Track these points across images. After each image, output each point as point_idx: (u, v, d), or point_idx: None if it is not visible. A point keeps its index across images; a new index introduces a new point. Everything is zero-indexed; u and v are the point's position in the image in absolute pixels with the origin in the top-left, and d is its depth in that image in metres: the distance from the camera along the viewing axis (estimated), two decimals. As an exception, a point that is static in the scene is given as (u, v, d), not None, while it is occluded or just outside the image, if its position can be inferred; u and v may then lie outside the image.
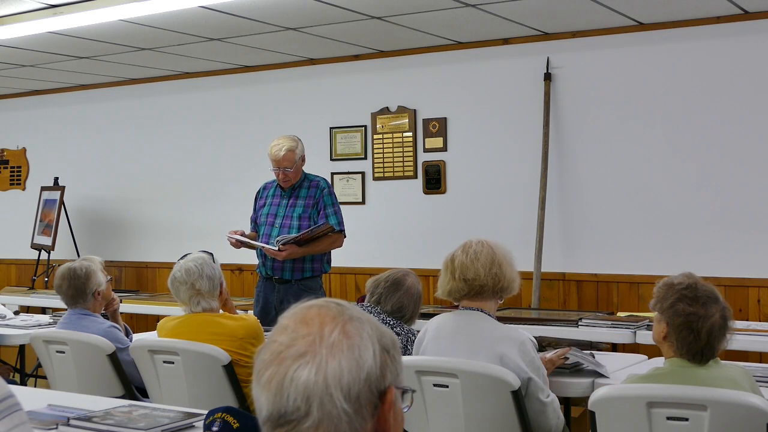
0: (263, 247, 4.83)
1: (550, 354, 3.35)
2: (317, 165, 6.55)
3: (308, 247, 4.82)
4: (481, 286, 3.08)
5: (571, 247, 5.68)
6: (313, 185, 4.99)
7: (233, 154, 6.93)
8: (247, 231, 5.09)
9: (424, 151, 6.19)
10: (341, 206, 5.06)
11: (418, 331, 3.38)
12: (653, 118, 5.43)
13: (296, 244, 4.77)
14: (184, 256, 3.67)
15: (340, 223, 4.95)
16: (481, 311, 3.11)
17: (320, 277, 5.02)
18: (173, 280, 3.57)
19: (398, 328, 3.56)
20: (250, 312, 4.38)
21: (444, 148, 6.11)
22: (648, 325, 4.18)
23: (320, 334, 1.25)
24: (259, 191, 5.18)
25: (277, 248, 4.75)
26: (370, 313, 3.21)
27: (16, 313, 5.59)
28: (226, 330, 3.51)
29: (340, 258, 5.40)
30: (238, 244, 4.91)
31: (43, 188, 7.54)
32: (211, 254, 3.70)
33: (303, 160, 4.98)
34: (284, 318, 1.30)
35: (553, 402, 3.02)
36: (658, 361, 2.91)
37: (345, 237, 5.01)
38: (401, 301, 3.62)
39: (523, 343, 3.03)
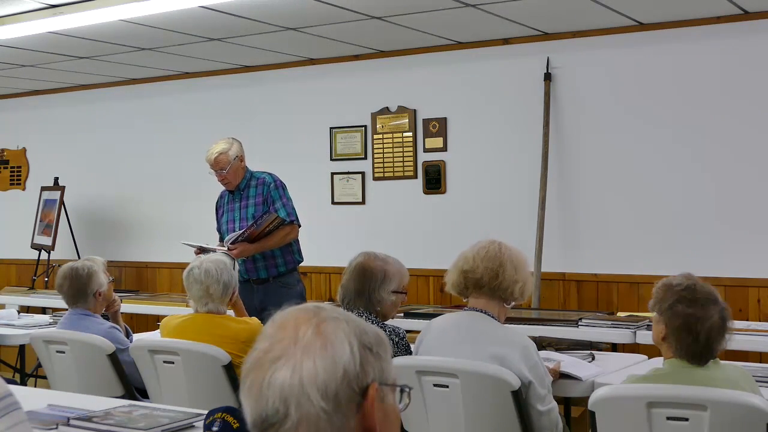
0: (217, 249, 4.71)
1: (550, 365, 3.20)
2: (317, 165, 6.57)
3: (261, 243, 4.76)
4: (476, 280, 3.03)
5: (570, 247, 5.67)
6: (260, 182, 4.98)
7: (233, 154, 6.92)
8: (215, 240, 5.07)
9: (424, 151, 6.19)
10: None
11: (406, 331, 3.37)
12: (653, 118, 5.43)
13: (248, 242, 4.72)
14: (208, 251, 3.66)
15: (291, 213, 4.89)
16: (486, 313, 3.04)
17: (296, 271, 4.99)
18: (190, 274, 3.58)
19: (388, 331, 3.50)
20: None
21: (444, 148, 6.11)
22: (648, 325, 4.17)
23: (295, 337, 1.26)
24: (217, 201, 5.19)
25: (225, 248, 4.69)
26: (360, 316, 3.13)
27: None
28: (229, 332, 3.52)
29: (339, 258, 5.37)
30: (199, 251, 4.77)
31: (43, 188, 7.54)
32: (234, 260, 3.70)
33: (241, 160, 4.96)
34: (266, 326, 1.32)
35: (551, 411, 2.95)
36: (658, 361, 2.91)
37: (300, 227, 4.96)
38: (359, 289, 3.36)
39: (527, 347, 2.96)
